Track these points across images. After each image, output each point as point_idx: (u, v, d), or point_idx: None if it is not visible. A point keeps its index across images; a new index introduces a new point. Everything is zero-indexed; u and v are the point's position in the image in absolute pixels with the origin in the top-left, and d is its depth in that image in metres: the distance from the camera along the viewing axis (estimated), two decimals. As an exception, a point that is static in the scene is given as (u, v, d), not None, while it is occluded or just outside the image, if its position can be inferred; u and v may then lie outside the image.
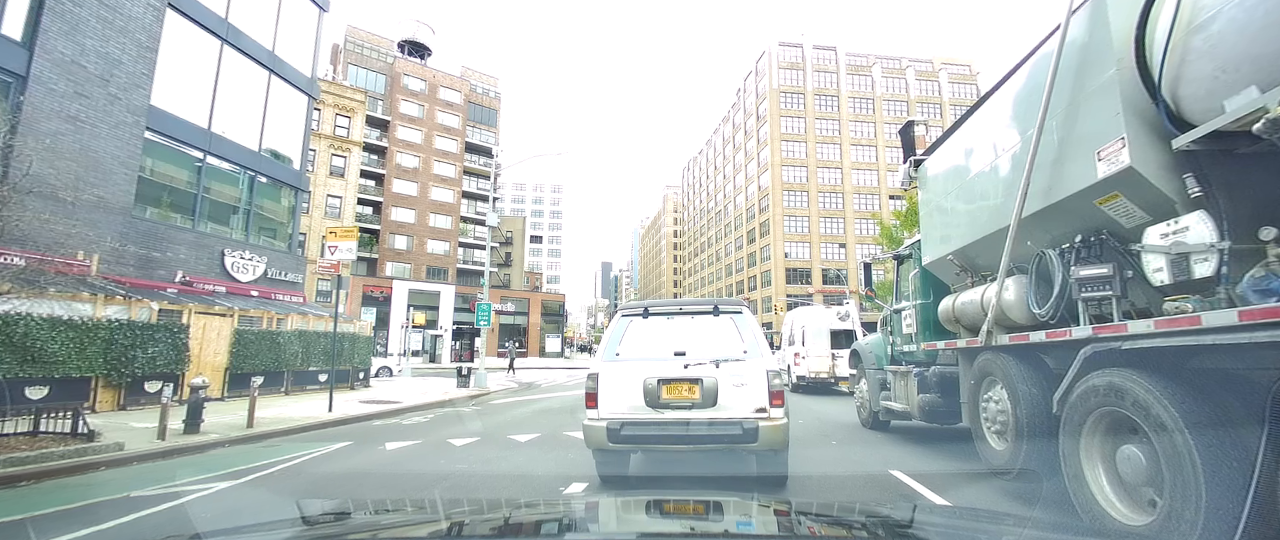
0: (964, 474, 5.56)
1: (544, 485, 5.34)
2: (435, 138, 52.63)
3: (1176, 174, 3.16)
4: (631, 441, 4.66)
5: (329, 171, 35.32)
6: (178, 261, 13.47)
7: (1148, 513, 3.10)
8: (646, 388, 4.63)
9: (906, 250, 8.06)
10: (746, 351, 4.80)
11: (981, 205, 5.28)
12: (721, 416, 4.56)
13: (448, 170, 52.94)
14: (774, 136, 73.33)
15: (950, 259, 5.99)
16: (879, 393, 8.30)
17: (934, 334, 6.81)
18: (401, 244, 49.57)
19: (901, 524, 1.54)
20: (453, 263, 51.78)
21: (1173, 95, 3.08)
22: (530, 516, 1.81)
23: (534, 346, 43.09)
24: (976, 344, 5.22)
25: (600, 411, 4.71)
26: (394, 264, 48.19)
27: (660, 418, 4.60)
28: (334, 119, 35.86)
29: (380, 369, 21.93)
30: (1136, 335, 3.20)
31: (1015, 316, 4.69)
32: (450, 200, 52.69)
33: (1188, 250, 3.01)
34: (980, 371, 5.37)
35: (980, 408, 5.42)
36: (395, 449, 7.53)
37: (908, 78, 78.29)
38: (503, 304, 41.95)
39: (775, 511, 1.86)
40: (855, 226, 73.01)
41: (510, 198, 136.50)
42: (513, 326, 42.97)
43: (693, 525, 1.60)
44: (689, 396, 4.60)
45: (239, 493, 5.34)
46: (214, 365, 12.12)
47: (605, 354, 5.03)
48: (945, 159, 6.35)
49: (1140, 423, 3.00)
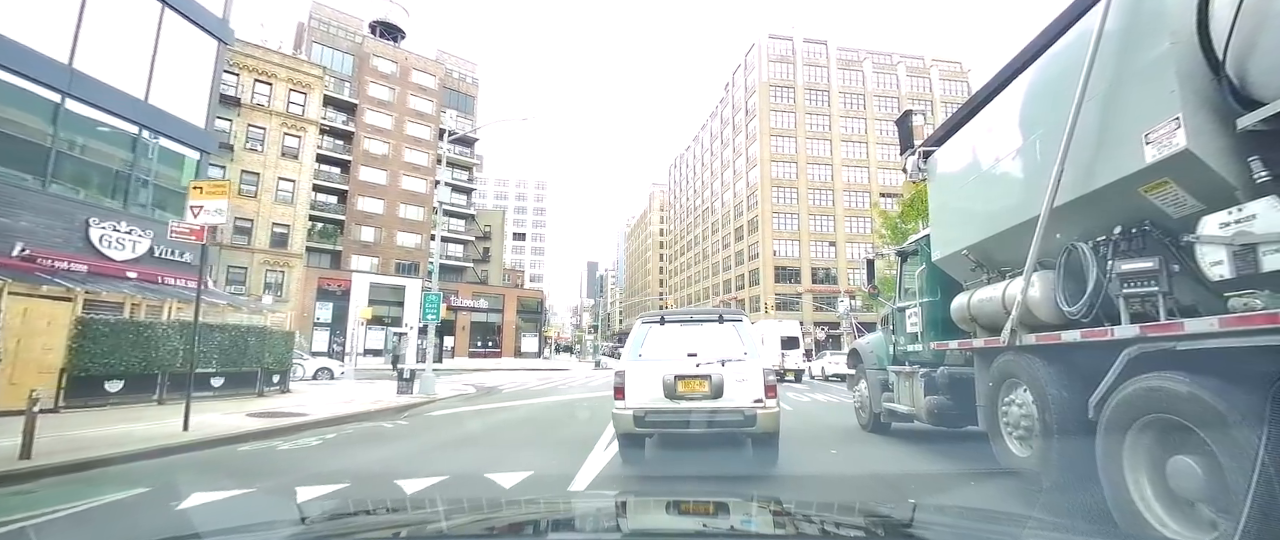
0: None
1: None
2: (407, 124, 49.43)
3: (1239, 157, 2.86)
4: (653, 426, 5.57)
5: (281, 152, 32.03)
6: (18, 231, 10.44)
7: (1206, 531, 2.84)
8: (665, 382, 5.45)
9: (912, 246, 7.74)
10: (746, 353, 5.67)
11: (1002, 197, 5.03)
12: (727, 406, 5.40)
13: (420, 158, 49.75)
14: (763, 131, 71.21)
15: (965, 254, 5.75)
16: (881, 394, 7.98)
17: (943, 333, 6.54)
18: (368, 236, 46.26)
19: (902, 523, 1.55)
20: (424, 257, 48.56)
21: (1238, 70, 2.81)
22: (534, 514, 1.82)
23: (509, 346, 39.87)
24: (998, 344, 4.95)
25: (628, 402, 5.54)
26: (361, 257, 44.89)
27: (677, 407, 5.45)
28: (288, 95, 32.57)
29: (319, 371, 18.93)
30: (1197, 335, 2.89)
31: (1042, 315, 4.44)
32: (423, 190, 49.49)
33: (1255, 240, 2.70)
34: (1001, 373, 5.13)
35: (1000, 411, 5.17)
36: (190, 508, 4.68)
37: (899, 73, 76.79)
38: (475, 301, 38.79)
39: (775, 511, 1.85)
40: (845, 225, 71.14)
41: (493, 194, 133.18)
42: (486, 325, 39.75)
43: (694, 524, 1.64)
44: (700, 389, 5.44)
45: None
46: (42, 365, 9.14)
47: (630, 355, 5.91)
48: (959, 149, 6.04)
49: (1199, 432, 2.76)
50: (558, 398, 14.77)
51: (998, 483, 5.03)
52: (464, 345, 37.13)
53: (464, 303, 38.02)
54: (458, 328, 37.21)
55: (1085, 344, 3.84)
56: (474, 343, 38.44)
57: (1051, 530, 1.80)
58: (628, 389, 5.52)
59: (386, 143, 48.21)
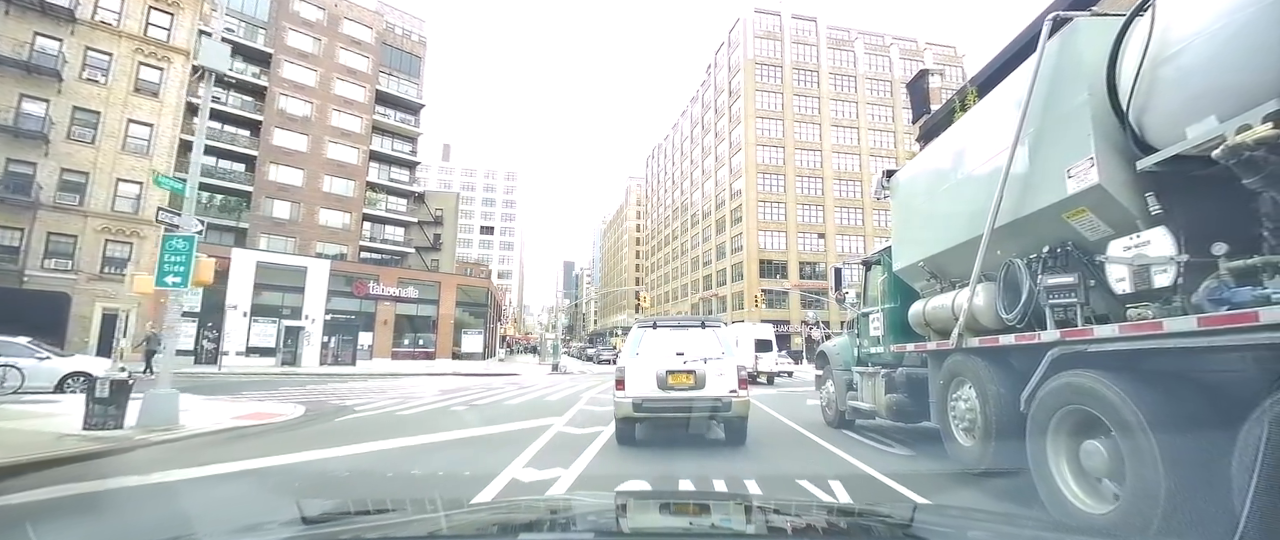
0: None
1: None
2: (336, 82, 41.85)
3: (1139, 193, 3.48)
4: (648, 411, 6.67)
5: (133, 86, 24.35)
6: None
7: (1109, 503, 3.37)
8: (658, 376, 6.63)
9: (875, 256, 8.26)
10: (723, 353, 6.90)
11: (953, 216, 5.46)
12: (708, 395, 6.59)
13: (351, 123, 42.21)
14: (748, 113, 65.35)
15: (921, 265, 6.24)
16: (846, 393, 8.42)
17: (902, 336, 6.92)
18: (282, 212, 38.53)
19: (902, 523, 1.58)
20: (355, 239, 40.99)
21: (1139, 121, 3.40)
22: (533, 515, 1.83)
23: (445, 345, 31.98)
24: (948, 347, 5.40)
25: (627, 392, 6.65)
26: (272, 237, 37.14)
27: (667, 396, 6.60)
28: (145, 12, 24.91)
29: (69, 377, 11.70)
30: (1102, 338, 3.49)
31: (985, 321, 4.91)
32: (354, 161, 41.95)
33: (1149, 262, 3.35)
34: (950, 372, 5.55)
35: (949, 407, 5.59)
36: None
37: (892, 56, 71.92)
38: (400, 288, 31.10)
39: (775, 510, 1.87)
40: (836, 215, 65.60)
41: (459, 185, 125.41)
42: (417, 319, 31.91)
43: (692, 523, 1.64)
44: (687, 382, 6.61)
45: None
46: None
47: (629, 353, 7.01)
48: (918, 172, 6.61)
49: (1104, 419, 3.27)
50: (440, 436, 8.11)
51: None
52: (385, 344, 29.51)
53: (385, 291, 30.29)
54: (378, 322, 29.54)
55: (1018, 346, 4.43)
56: (399, 341, 30.70)
57: (1053, 530, 1.97)
58: (627, 382, 6.69)
59: (309, 102, 40.56)
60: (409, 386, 17.19)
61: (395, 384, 18.17)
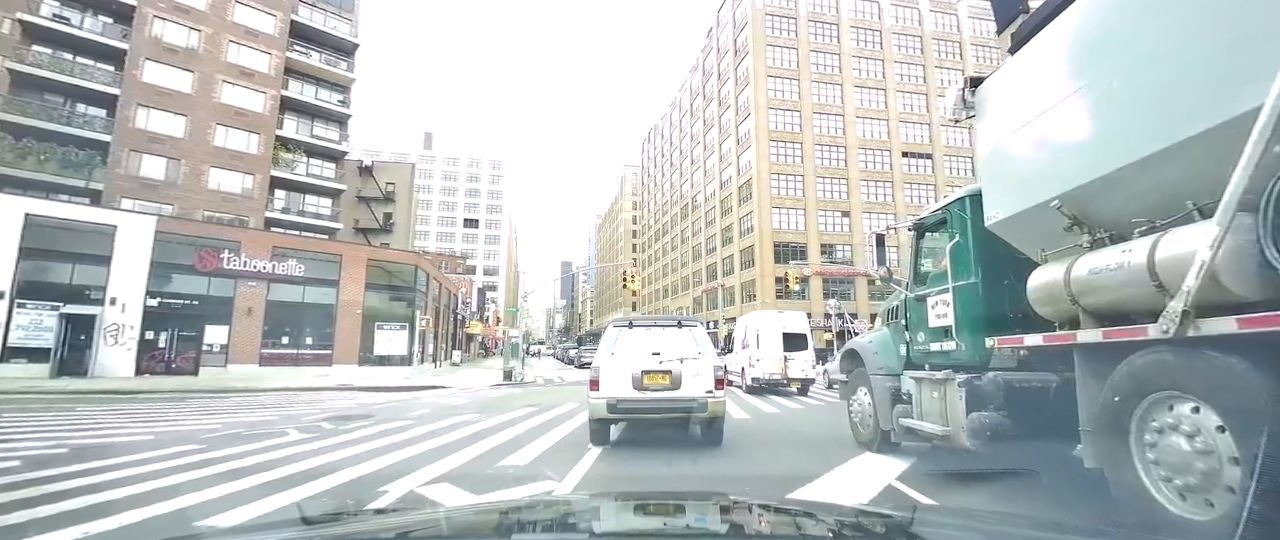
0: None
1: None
2: (234, 6, 32.43)
3: None
4: (623, 413, 6.68)
5: None
6: None
7: None
8: (634, 376, 6.59)
9: (937, 215, 5.99)
10: (700, 353, 6.87)
11: (1126, 114, 3.39)
12: (684, 395, 6.58)
13: (257, 61, 32.79)
14: (758, 72, 55.92)
15: (1056, 207, 3.97)
16: (892, 407, 6.14)
17: (989, 326, 4.98)
18: (155, 170, 29.08)
19: (902, 524, 1.55)
20: (259, 209, 31.52)
21: None
22: (532, 515, 1.82)
23: (348, 345, 21.51)
24: (1142, 335, 3.15)
25: (601, 392, 6.61)
26: (141, 201, 27.63)
27: (643, 397, 6.57)
28: None
29: None
30: None
31: (1236, 285, 2.70)
32: (259, 109, 32.54)
33: None
34: (1141, 382, 3.30)
35: (1141, 441, 3.34)
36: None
37: (921, 8, 62.34)
38: (277, 263, 20.86)
39: (776, 511, 1.85)
40: (861, 190, 56.06)
41: (441, 175, 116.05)
42: (307, 309, 21.40)
43: (692, 524, 1.62)
44: (662, 382, 6.59)
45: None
46: None
47: (603, 353, 6.92)
48: (1036, 69, 4.35)
49: None
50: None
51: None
52: (250, 342, 19.39)
53: (250, 265, 20.16)
54: (239, 310, 19.52)
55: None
56: (273, 338, 20.46)
57: (1053, 530, 1.83)
58: (602, 382, 6.63)
59: (196, 29, 31.16)
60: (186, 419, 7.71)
61: (206, 412, 8.65)
